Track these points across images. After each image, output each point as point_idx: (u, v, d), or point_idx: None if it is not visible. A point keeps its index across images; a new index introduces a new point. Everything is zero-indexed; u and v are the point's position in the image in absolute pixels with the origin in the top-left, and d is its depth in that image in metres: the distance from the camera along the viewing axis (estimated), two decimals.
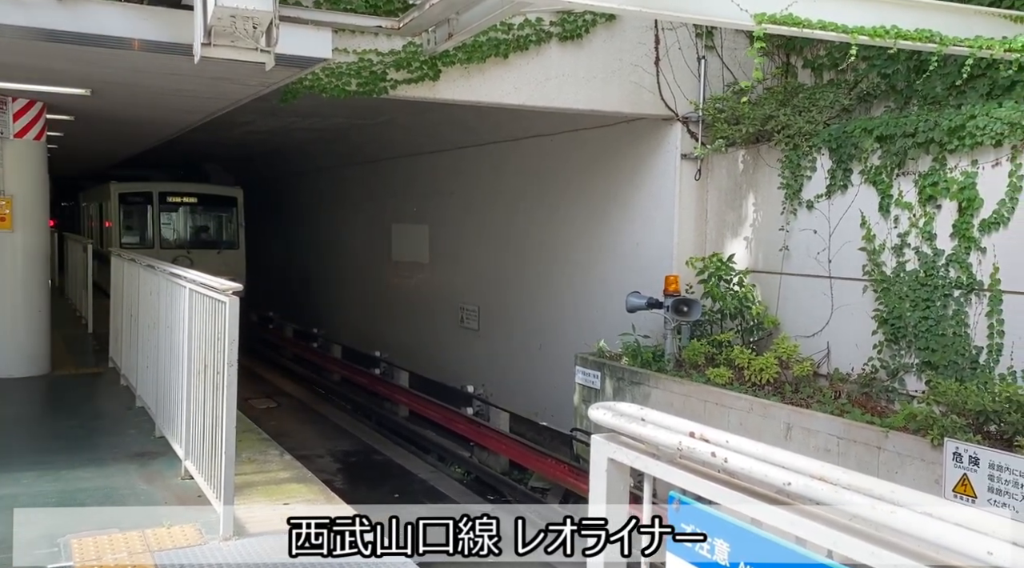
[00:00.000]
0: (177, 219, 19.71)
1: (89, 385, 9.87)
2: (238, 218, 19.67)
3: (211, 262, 16.84)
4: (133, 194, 19.18)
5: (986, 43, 6.70)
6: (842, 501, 1.64)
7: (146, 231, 19.23)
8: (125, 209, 19.07)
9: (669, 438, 2.16)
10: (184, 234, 19.65)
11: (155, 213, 18.99)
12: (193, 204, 19.70)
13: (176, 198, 19.35)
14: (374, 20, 8.37)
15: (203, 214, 20.17)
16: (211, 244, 19.58)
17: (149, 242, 18.62)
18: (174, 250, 18.11)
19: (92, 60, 7.18)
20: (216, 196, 19.96)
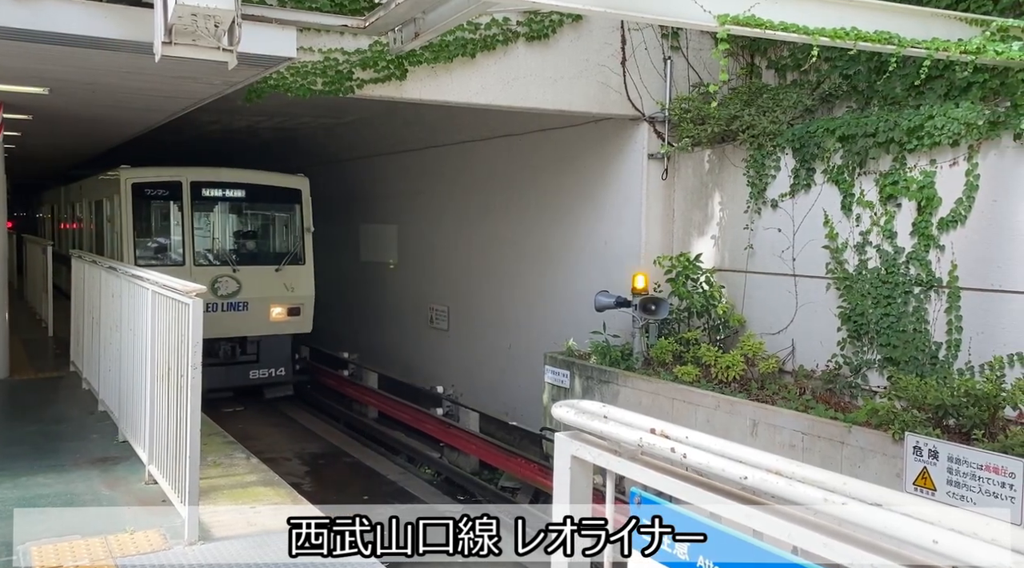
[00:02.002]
0: (217, 222, 14.25)
1: (50, 389, 9.68)
2: (303, 219, 14.17)
3: (266, 284, 13.57)
4: (154, 185, 13.38)
5: (943, 45, 6.84)
6: (796, 494, 1.66)
7: (172, 241, 13.62)
8: (141, 208, 13.30)
9: (630, 435, 2.18)
10: (227, 244, 14.12)
11: (186, 213, 13.30)
12: (239, 199, 14.19)
13: (216, 191, 13.86)
14: (339, 19, 8.32)
15: (254, 214, 14.82)
16: (266, 258, 14.22)
17: (176, 257, 13.31)
18: (214, 268, 13.38)
19: (50, 58, 7.05)
20: (273, 188, 14.33)
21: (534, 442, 10.98)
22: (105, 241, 14.43)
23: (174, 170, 13.54)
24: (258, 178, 14.28)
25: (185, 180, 13.40)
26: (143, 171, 13.30)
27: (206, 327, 12.43)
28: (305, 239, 14.17)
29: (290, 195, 14.25)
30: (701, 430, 2.15)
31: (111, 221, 13.93)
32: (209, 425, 7.49)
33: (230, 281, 13.26)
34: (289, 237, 14.61)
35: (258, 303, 13.57)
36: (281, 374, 14.59)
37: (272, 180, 14.31)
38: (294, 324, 14.12)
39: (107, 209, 14.32)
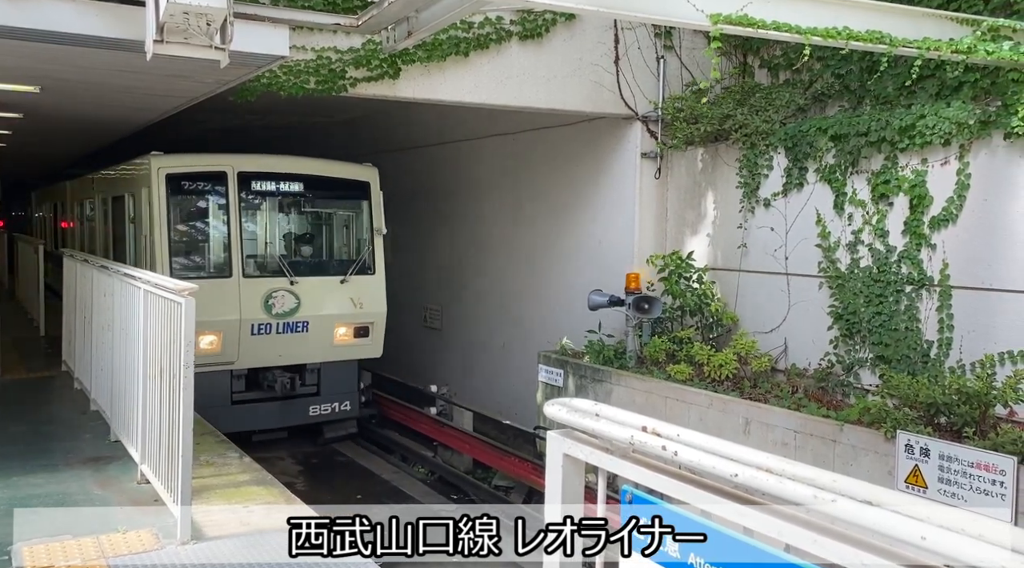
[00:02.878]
0: (270, 222, 11.50)
1: (41, 389, 9.64)
2: (373, 219, 11.68)
3: (330, 299, 11.23)
4: (194, 177, 10.74)
5: (934, 44, 6.87)
6: (786, 491, 1.67)
7: (215, 246, 10.98)
8: (177, 205, 10.73)
9: (622, 433, 2.19)
10: (283, 250, 11.40)
11: (233, 212, 10.77)
12: (297, 194, 11.54)
13: (268, 183, 11.19)
14: (332, 18, 8.31)
15: (315, 213, 12.06)
16: (330, 267, 11.75)
17: (222, 266, 10.79)
18: (267, 279, 10.86)
19: (41, 56, 7.01)
20: (336, 180, 11.74)
21: (528, 441, 10.99)
22: (126, 246, 11.87)
23: (217, 158, 11.00)
24: (319, 168, 11.57)
25: (231, 170, 10.73)
26: (179, 159, 10.66)
27: (254, 354, 10.78)
28: (375, 243, 11.65)
29: (357, 189, 11.69)
30: (694, 429, 2.16)
31: (136, 222, 11.33)
32: (201, 424, 7.47)
33: (287, 296, 10.76)
34: (356, 241, 11.99)
35: (320, 323, 11.16)
36: (346, 409, 11.97)
37: (336, 170, 11.67)
38: (362, 348, 11.70)
39: (130, 207, 11.71)
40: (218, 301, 10.22)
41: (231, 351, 10.57)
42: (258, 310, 10.64)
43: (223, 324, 10.35)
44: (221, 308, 10.27)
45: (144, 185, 10.76)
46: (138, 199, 11.21)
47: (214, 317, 9.97)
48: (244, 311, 10.57)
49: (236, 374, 10.94)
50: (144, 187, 10.76)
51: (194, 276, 10.23)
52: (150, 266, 10.17)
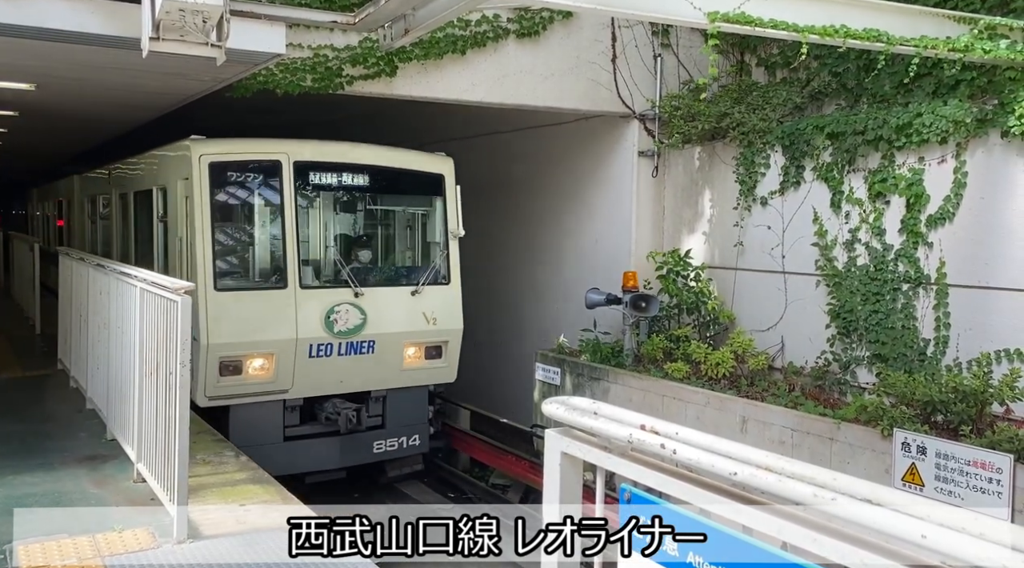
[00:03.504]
0: (331, 223, 9.91)
1: (37, 387, 9.61)
2: (446, 218, 9.99)
3: (400, 313, 9.54)
4: (242, 167, 8.99)
5: (931, 43, 6.87)
6: (785, 490, 1.67)
7: (267, 251, 9.29)
8: (223, 200, 8.96)
9: (620, 431, 2.18)
10: (345, 255, 9.56)
11: (288, 210, 9.00)
12: (362, 189, 9.89)
13: (330, 176, 9.46)
14: (329, 15, 8.30)
15: (382, 212, 10.33)
16: (399, 276, 10.09)
17: (275, 275, 9.05)
18: (328, 291, 9.18)
19: (36, 54, 6.99)
20: (408, 173, 9.98)
21: (525, 439, 10.99)
22: (153, 249, 10.20)
23: (270, 144, 9.18)
24: (388, 158, 9.78)
25: (286, 159, 8.96)
26: (225, 145, 8.91)
27: (312, 380, 9.04)
28: (450, 248, 9.92)
29: (429, 183, 9.96)
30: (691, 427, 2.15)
31: (168, 221, 9.70)
32: (198, 423, 7.46)
33: (351, 311, 9.08)
34: (428, 244, 10.25)
35: (388, 342, 9.44)
36: (415, 444, 10.07)
37: (408, 160, 9.90)
38: (433, 371, 9.98)
39: (158, 203, 10.10)
40: (270, 317, 8.72)
41: (285, 377, 8.87)
42: (317, 327, 8.93)
43: (276, 345, 8.72)
44: (273, 325, 8.72)
45: (181, 176, 9.12)
46: (172, 193, 9.46)
47: (265, 336, 8.67)
48: (301, 329, 8.84)
49: (290, 405, 9.14)
50: (181, 179, 9.12)
51: (241, 287, 8.90)
52: (187, 273, 8.76)
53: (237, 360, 8.58)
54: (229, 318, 8.53)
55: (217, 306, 8.47)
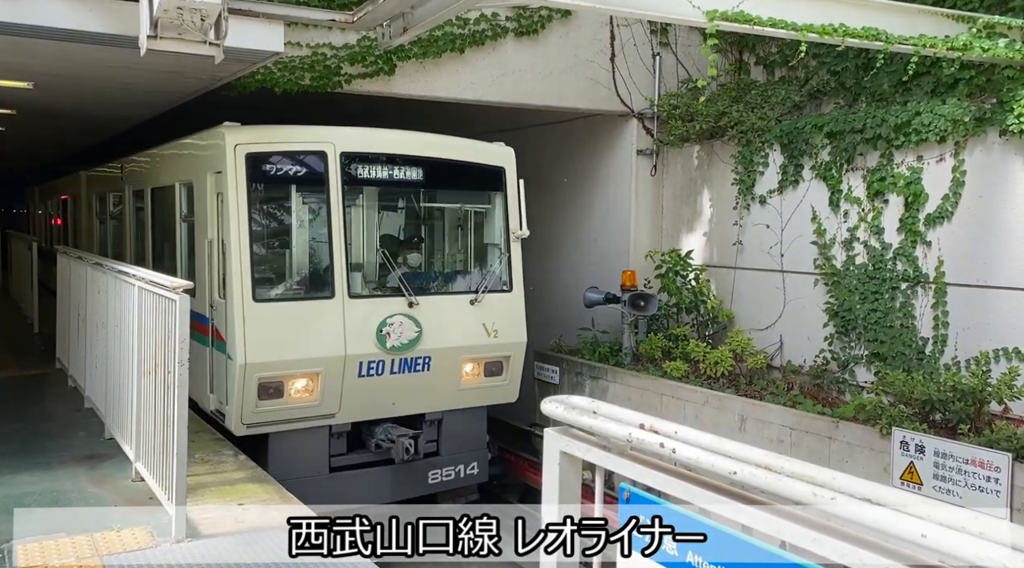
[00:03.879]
0: (383, 223, 9.05)
1: (35, 387, 9.60)
2: (507, 217, 8.89)
3: (458, 325, 8.49)
4: (283, 158, 7.94)
5: (930, 41, 6.87)
6: (785, 489, 1.66)
7: (310, 255, 8.27)
8: (261, 197, 7.95)
9: (619, 430, 2.18)
10: (398, 259, 8.56)
11: (335, 208, 7.98)
12: (415, 184, 8.73)
13: (380, 169, 8.35)
14: (327, 14, 8.28)
15: (437, 211, 9.38)
16: (456, 282, 9.05)
17: (320, 283, 8.08)
18: (379, 300, 8.18)
19: (34, 52, 6.97)
20: (466, 166, 8.87)
21: (524, 438, 10.98)
22: (176, 251, 9.08)
23: (312, 132, 8.04)
24: (446, 149, 8.65)
25: (332, 149, 7.92)
26: (263, 132, 7.85)
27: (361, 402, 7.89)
28: (512, 250, 8.81)
29: (489, 177, 8.87)
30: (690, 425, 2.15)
31: (195, 221, 8.50)
32: (196, 422, 7.46)
33: (406, 323, 8.07)
34: (487, 247, 9.10)
35: (445, 358, 8.44)
36: (473, 473, 9.02)
37: (465, 151, 8.79)
38: (493, 390, 8.94)
39: (181, 201, 8.94)
40: (315, 331, 7.71)
41: (331, 400, 7.87)
42: (368, 342, 7.90)
43: (322, 363, 7.70)
44: (319, 340, 7.71)
45: (211, 170, 7.94)
46: (199, 189, 8.28)
47: (309, 353, 7.66)
48: (350, 344, 7.81)
49: (336, 431, 8.12)
50: (211, 173, 7.94)
51: (282, 297, 7.84)
52: (217, 281, 7.83)
53: (278, 381, 7.57)
54: (269, 333, 7.52)
55: (256, 319, 7.44)
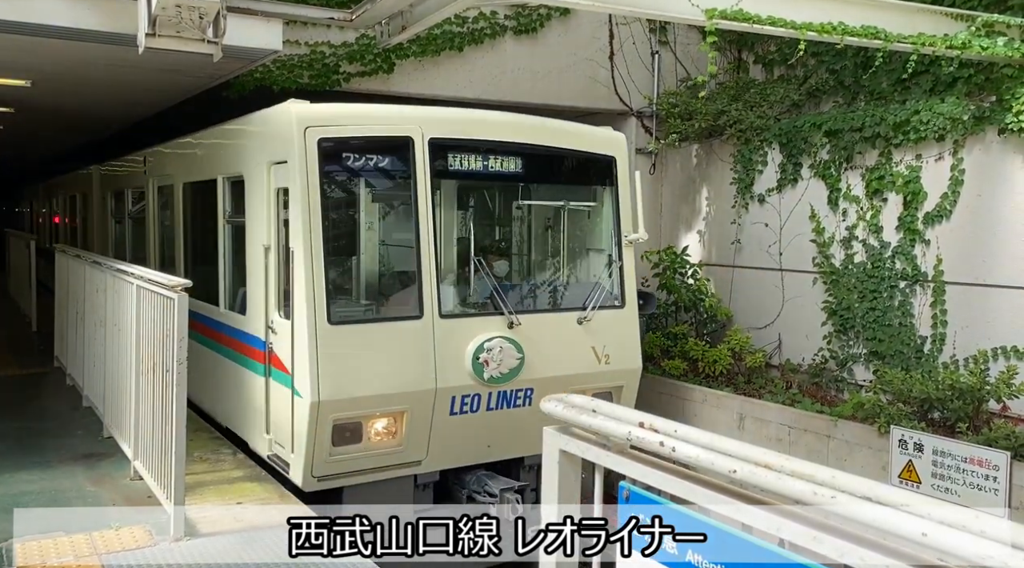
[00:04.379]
0: (471, 225, 7.62)
1: (34, 385, 9.58)
2: (619, 217, 7.48)
3: (565, 348, 7.00)
4: (362, 146, 6.37)
5: (928, 40, 6.88)
6: (785, 487, 1.66)
7: (392, 267, 7.12)
8: (334, 194, 6.53)
9: (619, 429, 2.18)
10: (495, 270, 7.12)
11: (423, 207, 6.51)
12: (515, 178, 7.43)
13: (474, 159, 6.91)
14: (326, 12, 8.28)
15: (536, 210, 7.95)
16: (562, 298, 7.65)
17: (406, 299, 6.68)
18: (474, 320, 6.78)
19: (32, 50, 6.96)
20: (570, 155, 7.45)
21: None
22: (218, 261, 7.54)
23: (393, 114, 6.72)
24: (548, 134, 7.16)
25: (419, 136, 6.44)
26: (335, 113, 6.39)
27: (453, 446, 6.36)
28: (624, 257, 7.35)
29: (596, 169, 7.42)
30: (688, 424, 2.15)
31: (240, 223, 7.08)
32: (195, 421, 7.44)
33: (506, 348, 6.57)
34: (595, 253, 7.69)
35: (550, 389, 6.22)
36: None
37: (571, 138, 7.26)
38: None
39: (224, 199, 7.46)
40: (399, 358, 6.25)
41: (418, 444, 6.49)
42: (462, 372, 6.51)
43: (409, 398, 6.32)
44: (405, 370, 6.28)
45: (271, 159, 6.44)
46: (253, 184, 6.78)
47: (393, 387, 6.22)
48: (442, 375, 6.44)
49: (422, 481, 6.71)
50: (271, 163, 6.44)
51: (363, 318, 6.52)
52: (276, 296, 6.45)
53: (356, 422, 6.20)
54: (347, 362, 6.07)
55: (331, 346, 5.98)
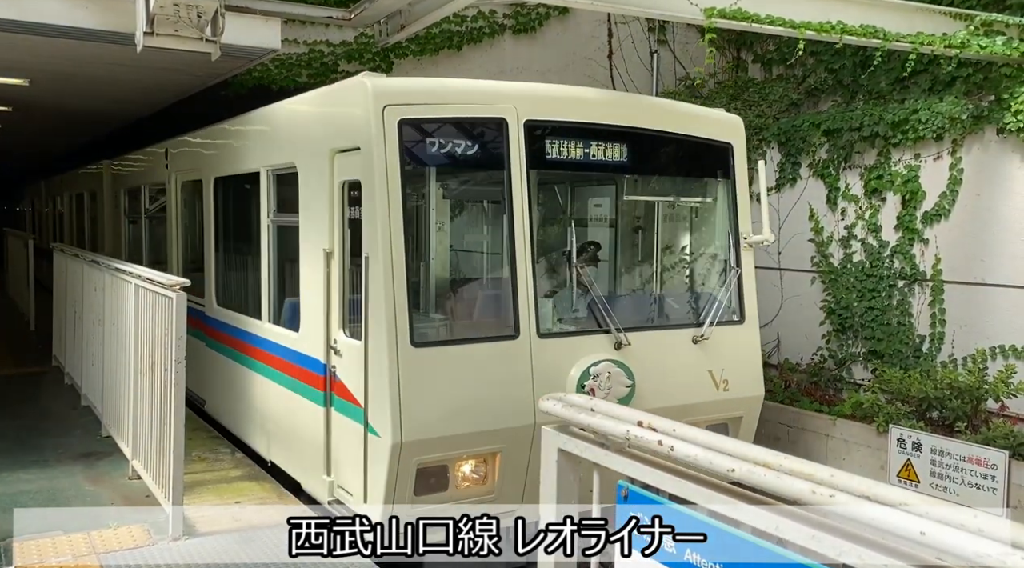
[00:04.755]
0: (570, 225, 6.05)
1: (32, 384, 9.57)
2: (736, 215, 6.24)
3: (679, 371, 5.78)
4: (449, 128, 5.05)
5: (927, 39, 6.88)
6: (783, 486, 1.66)
7: (482, 276, 5.98)
8: (415, 187, 5.19)
9: (617, 428, 2.18)
10: (601, 278, 5.98)
11: (519, 204, 5.15)
12: (617, 168, 5.84)
13: (577, 146, 5.39)
14: (325, 11, 8.28)
15: (644, 206, 6.60)
16: (674, 312, 6.32)
17: (498, 316, 5.38)
18: (579, 338, 5.43)
19: (29, 49, 6.94)
20: (681, 140, 6.01)
21: None
22: (262, 269, 6.59)
23: (482, 88, 5.56)
24: (658, 115, 6.01)
25: (514, 117, 5.27)
26: (412, 87, 5.37)
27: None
28: (743, 263, 6.09)
29: (710, 158, 6.28)
30: None
31: (291, 223, 6.01)
32: (193, 420, 7.44)
33: (615, 373, 5.43)
34: (708, 258, 6.45)
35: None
36: None
37: (684, 120, 6.10)
38: None
39: (271, 195, 6.46)
40: (492, 387, 5.14)
41: (513, 489, 5.31)
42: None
43: (503, 436, 5.16)
44: (498, 402, 5.15)
45: (334, 145, 5.28)
46: (311, 175, 5.59)
47: (484, 423, 5.09)
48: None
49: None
50: (334, 150, 5.27)
51: (451, 339, 5.32)
52: (344, 311, 5.31)
53: (441, 466, 5.12)
54: (433, 393, 4.97)
55: (416, 373, 4.88)
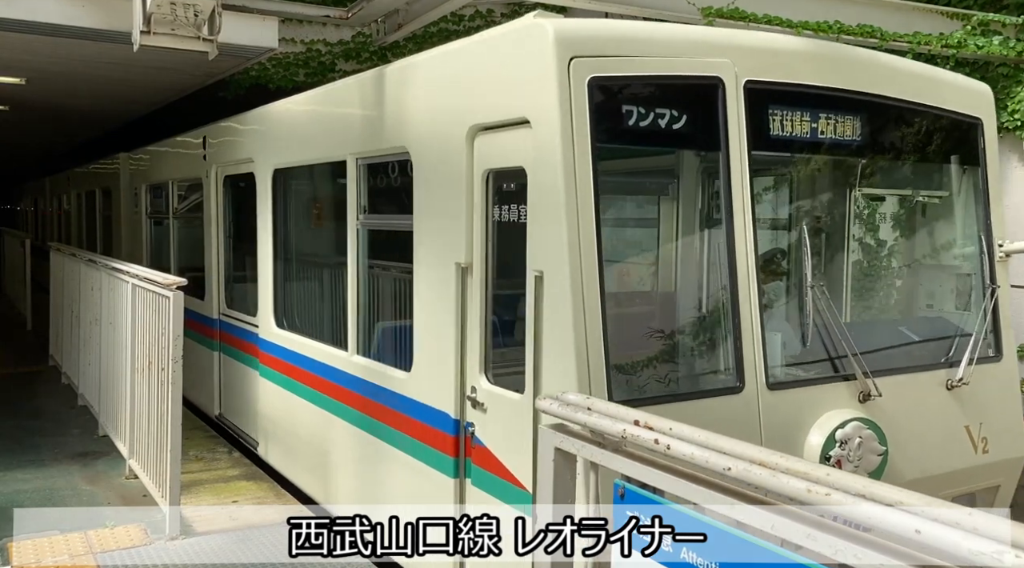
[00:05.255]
0: (800, 226, 4.23)
1: (29, 384, 9.57)
2: (988, 214, 4.37)
3: (933, 426, 4.05)
4: (652, 90, 3.42)
5: (924, 38, 6.90)
6: (779, 485, 1.66)
7: (693, 299, 4.13)
8: (608, 176, 3.43)
9: (614, 426, 2.18)
10: (844, 302, 4.41)
11: (739, 196, 3.47)
12: (850, 148, 4.00)
13: (805, 119, 3.69)
14: (322, 10, 8.27)
15: (879, 201, 4.79)
16: (919, 345, 4.31)
17: (716, 358, 3.73)
18: (818, 387, 3.70)
19: (26, 48, 6.94)
20: (922, 113, 4.18)
21: None
22: (348, 285, 5.65)
23: (685, 36, 3.81)
24: (900, 81, 4.23)
25: (732, 75, 3.61)
26: (601, 31, 3.58)
27: None
28: (997, 277, 4.46)
29: (954, 139, 4.60)
30: None
31: (395, 223, 5.01)
32: (191, 419, 7.44)
33: (867, 436, 3.71)
34: (950, 270, 4.86)
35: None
36: None
37: (927, 88, 4.37)
38: None
39: (361, 190, 5.44)
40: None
41: None
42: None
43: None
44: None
45: (479, 121, 3.87)
46: (428, 165, 4.32)
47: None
48: None
49: None
50: (480, 128, 3.88)
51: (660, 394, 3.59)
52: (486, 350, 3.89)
53: None
54: None
55: None
